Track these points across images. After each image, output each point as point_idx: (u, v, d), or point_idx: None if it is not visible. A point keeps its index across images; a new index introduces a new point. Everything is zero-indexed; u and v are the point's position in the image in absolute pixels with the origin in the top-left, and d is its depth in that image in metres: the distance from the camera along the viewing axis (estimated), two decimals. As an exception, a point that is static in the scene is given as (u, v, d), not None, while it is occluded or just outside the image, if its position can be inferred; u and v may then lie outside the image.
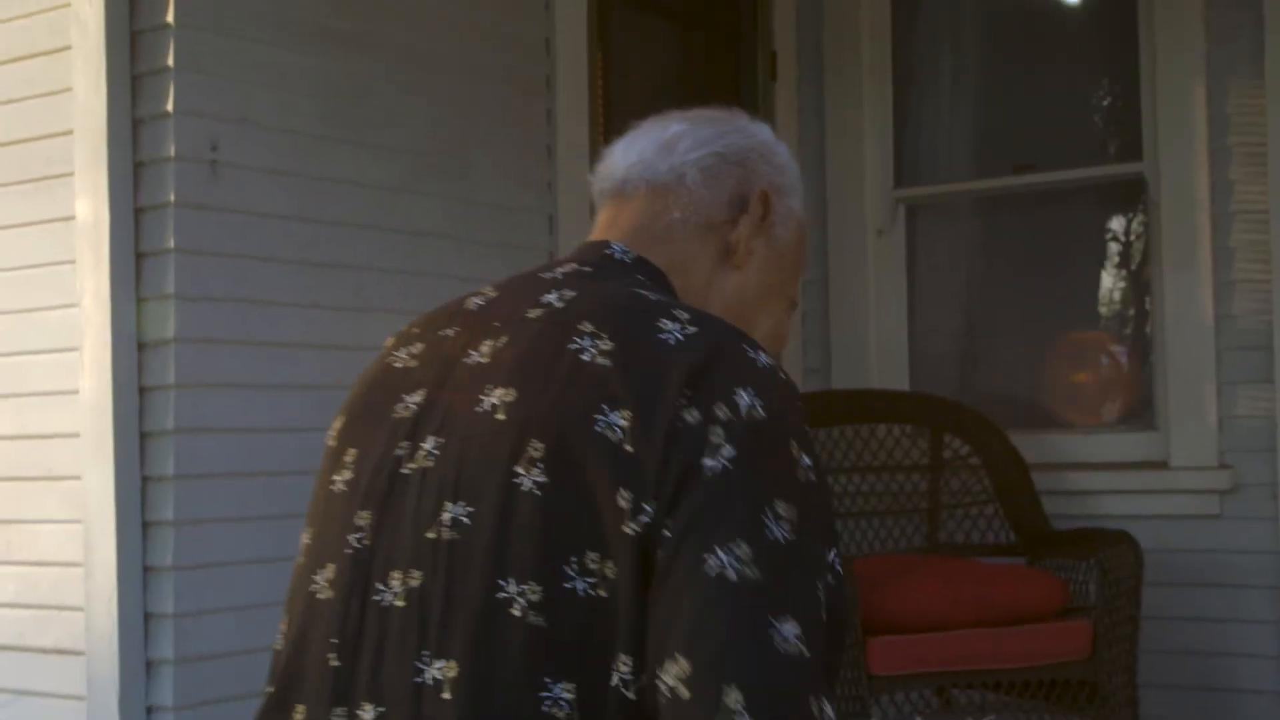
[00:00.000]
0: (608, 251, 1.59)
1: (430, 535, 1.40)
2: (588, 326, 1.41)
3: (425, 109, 3.84)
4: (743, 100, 5.05)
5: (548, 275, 1.56)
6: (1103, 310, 5.25)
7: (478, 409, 1.42)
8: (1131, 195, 4.98)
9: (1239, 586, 4.49)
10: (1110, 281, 5.26)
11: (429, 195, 3.83)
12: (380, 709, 1.40)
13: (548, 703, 1.31)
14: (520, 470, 1.36)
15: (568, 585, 1.33)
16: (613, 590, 1.32)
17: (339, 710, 1.43)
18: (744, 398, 1.35)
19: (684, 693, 1.26)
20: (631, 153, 1.67)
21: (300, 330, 3.49)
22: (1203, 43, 4.57)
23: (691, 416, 1.33)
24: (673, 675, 1.26)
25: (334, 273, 3.58)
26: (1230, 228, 4.56)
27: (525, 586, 1.34)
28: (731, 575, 1.27)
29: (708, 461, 1.31)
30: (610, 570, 1.32)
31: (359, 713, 1.41)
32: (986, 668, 4.03)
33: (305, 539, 1.57)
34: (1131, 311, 5.16)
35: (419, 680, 1.37)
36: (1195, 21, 4.56)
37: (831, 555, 1.34)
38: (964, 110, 5.34)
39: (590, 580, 1.33)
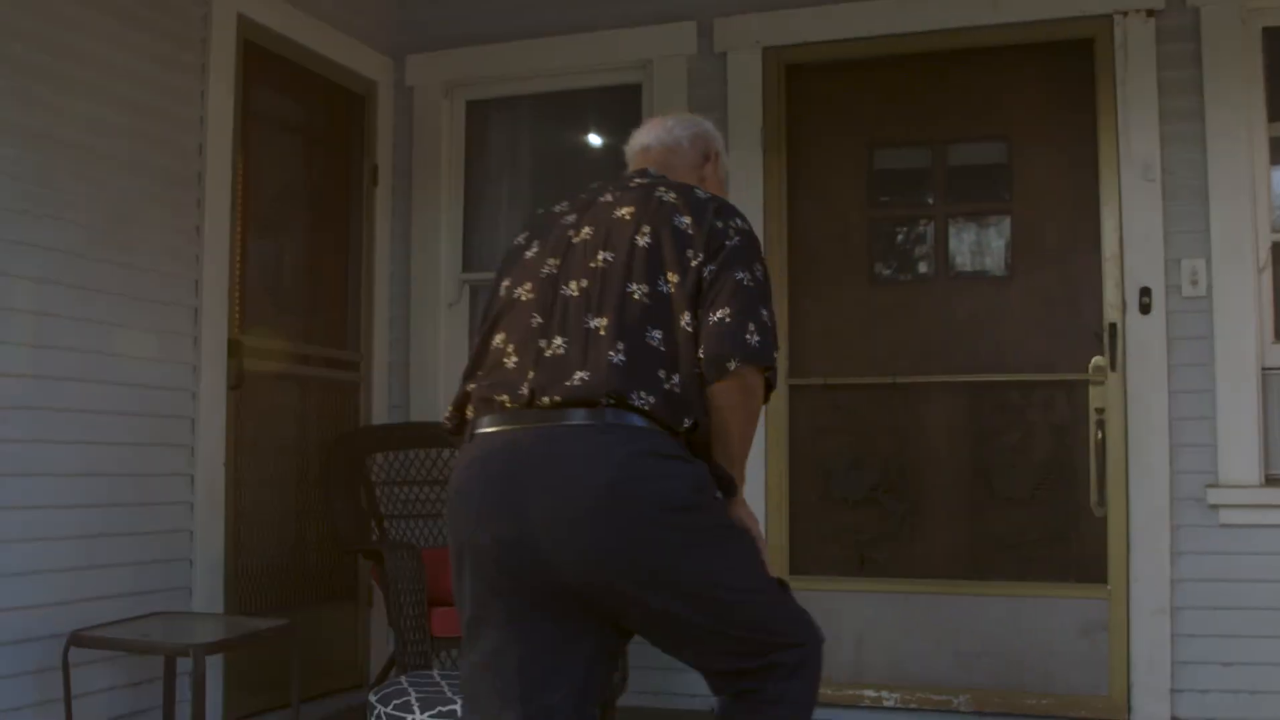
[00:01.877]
0: (651, 171, 2.67)
1: (592, 265, 2.42)
2: (663, 188, 2.52)
3: (99, 193, 3.90)
4: (349, 199, 5.23)
5: (631, 175, 2.65)
6: None
7: (613, 215, 2.48)
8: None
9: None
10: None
11: (101, 260, 3.91)
12: (565, 340, 2.37)
13: (652, 339, 2.34)
14: (638, 238, 2.41)
15: (659, 287, 2.38)
16: (677, 289, 2.37)
17: (542, 341, 2.39)
18: (739, 221, 2.48)
19: (728, 321, 2.33)
20: (649, 134, 2.81)
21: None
22: None
23: (720, 224, 2.43)
24: (719, 314, 2.34)
25: (22, 317, 3.64)
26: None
27: (640, 286, 2.37)
28: (746, 281, 2.37)
29: (729, 242, 2.40)
30: (675, 281, 2.37)
31: (554, 340, 2.38)
32: None
33: (505, 281, 2.55)
34: None
35: (586, 326, 2.36)
36: None
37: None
38: (516, 217, 5.41)
39: (669, 285, 2.38)
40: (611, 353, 2.31)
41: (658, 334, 2.35)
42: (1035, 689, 4.52)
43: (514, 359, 2.41)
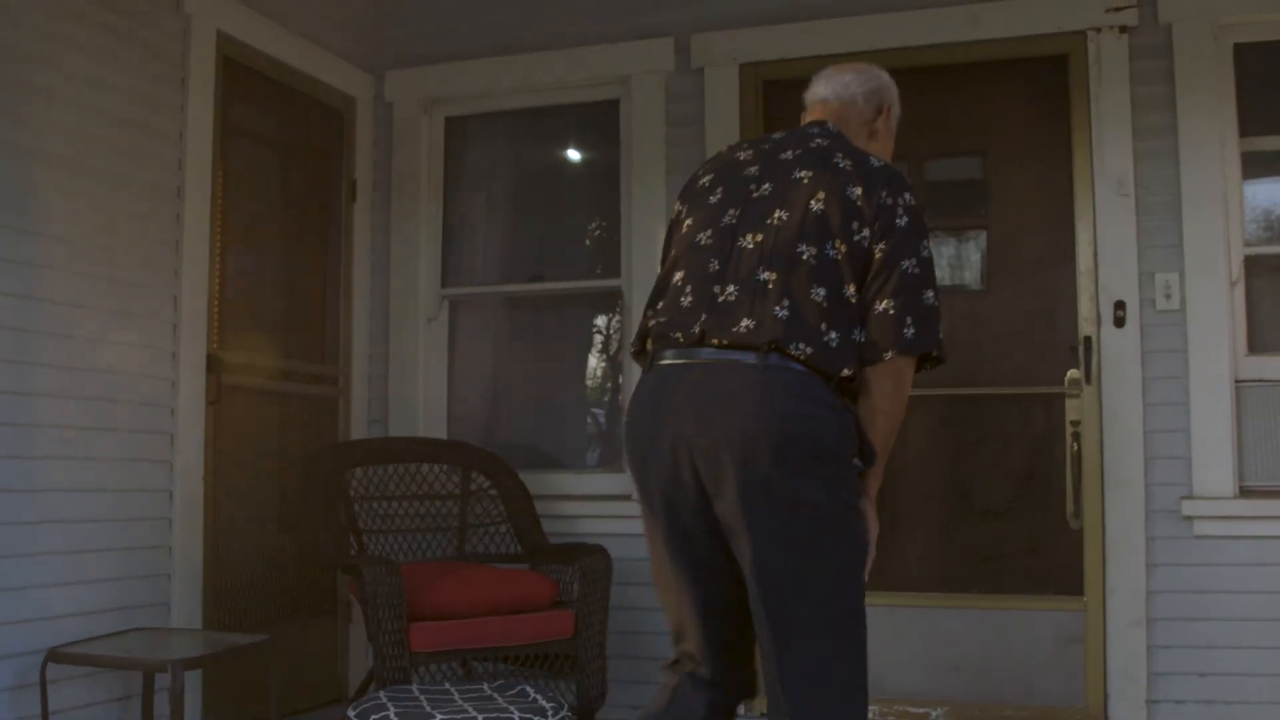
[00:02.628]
0: (829, 126, 2.87)
1: (768, 221, 2.64)
2: (840, 154, 2.69)
3: (81, 208, 3.91)
4: (329, 214, 5.23)
5: (811, 131, 2.83)
6: (589, 384, 5.43)
7: (792, 176, 2.69)
8: (612, 301, 5.22)
9: (678, 585, 4.90)
10: (595, 363, 5.42)
11: (81, 275, 3.90)
12: (737, 288, 2.61)
13: (815, 296, 2.54)
14: (812, 202, 2.62)
15: (827, 251, 2.58)
16: (845, 256, 2.57)
17: (716, 287, 2.63)
18: (908, 196, 2.63)
19: (890, 313, 2.54)
20: (827, 86, 2.97)
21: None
22: (664, 198, 4.93)
23: (890, 200, 2.61)
24: (883, 305, 2.55)
25: (2, 334, 3.63)
26: (678, 328, 4.98)
27: (809, 248, 2.58)
28: (910, 269, 2.57)
29: (899, 222, 2.59)
30: (844, 250, 2.57)
31: (726, 288, 2.62)
32: (498, 645, 4.20)
33: (688, 220, 2.80)
34: (609, 385, 5.33)
35: (757, 278, 2.59)
36: (659, 183, 4.97)
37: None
38: (495, 233, 5.45)
39: (836, 252, 2.58)
40: (777, 307, 2.55)
41: (821, 292, 2.56)
42: (1012, 701, 4.52)
43: (689, 299, 2.66)
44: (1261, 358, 4.45)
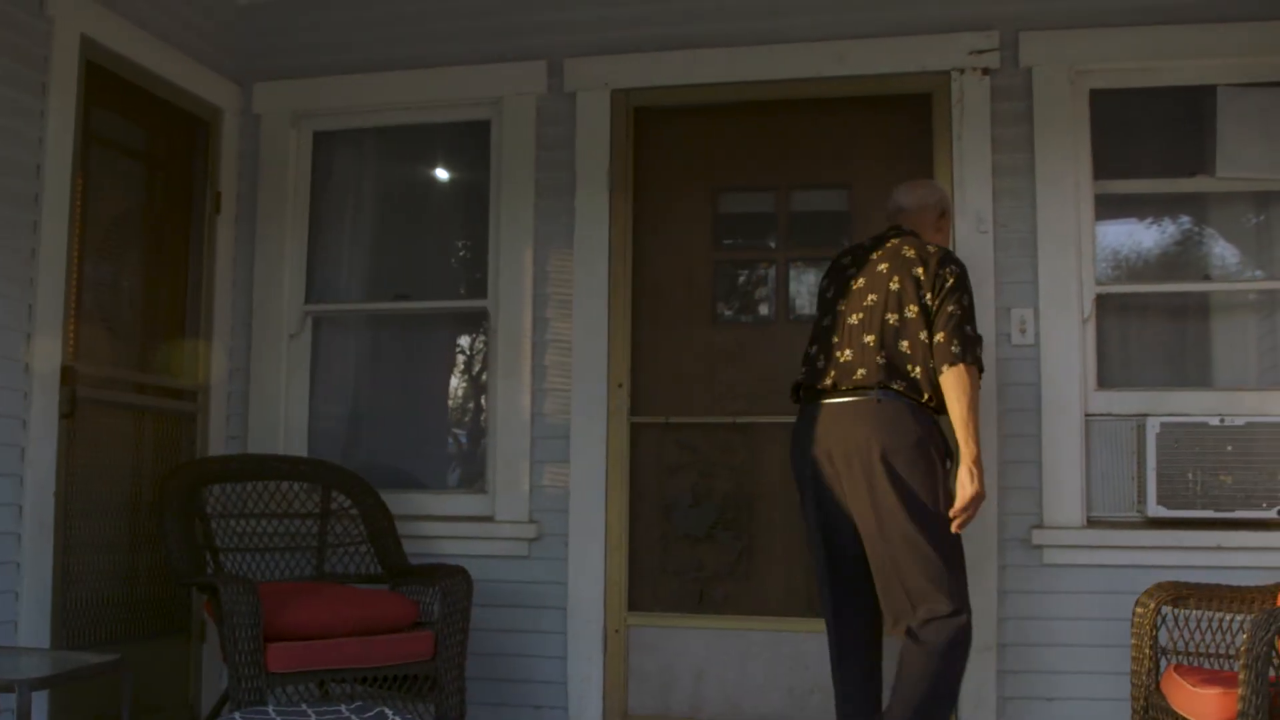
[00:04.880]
0: (904, 228, 4.19)
1: (865, 304, 4.04)
2: (906, 247, 4.06)
3: None
4: (191, 226, 5.18)
5: (890, 234, 4.15)
6: (452, 404, 5.49)
7: (876, 270, 4.05)
8: (477, 322, 5.31)
9: (539, 607, 4.89)
10: (458, 383, 5.48)
11: None
12: (851, 350, 4.02)
13: (901, 347, 3.96)
14: (891, 284, 4.00)
15: (904, 314, 3.97)
16: (917, 315, 3.94)
17: (837, 353, 4.03)
18: (952, 267, 3.99)
19: (941, 341, 3.90)
20: (906, 198, 4.26)
21: None
22: (532, 220, 5.05)
23: (941, 271, 3.96)
24: (938, 336, 3.91)
25: None
26: (545, 351, 4.99)
27: (892, 315, 3.97)
28: (954, 311, 3.92)
29: (946, 285, 3.94)
30: (915, 310, 3.95)
31: (845, 352, 4.03)
32: (357, 666, 4.21)
33: (819, 315, 4.19)
34: (472, 406, 5.40)
35: (863, 342, 3.99)
36: (529, 206, 5.07)
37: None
38: (361, 250, 5.47)
39: (911, 313, 3.96)
40: (878, 358, 3.95)
41: (904, 344, 3.95)
42: (867, 724, 4.65)
43: (821, 361, 4.07)
44: (1110, 392, 4.67)
